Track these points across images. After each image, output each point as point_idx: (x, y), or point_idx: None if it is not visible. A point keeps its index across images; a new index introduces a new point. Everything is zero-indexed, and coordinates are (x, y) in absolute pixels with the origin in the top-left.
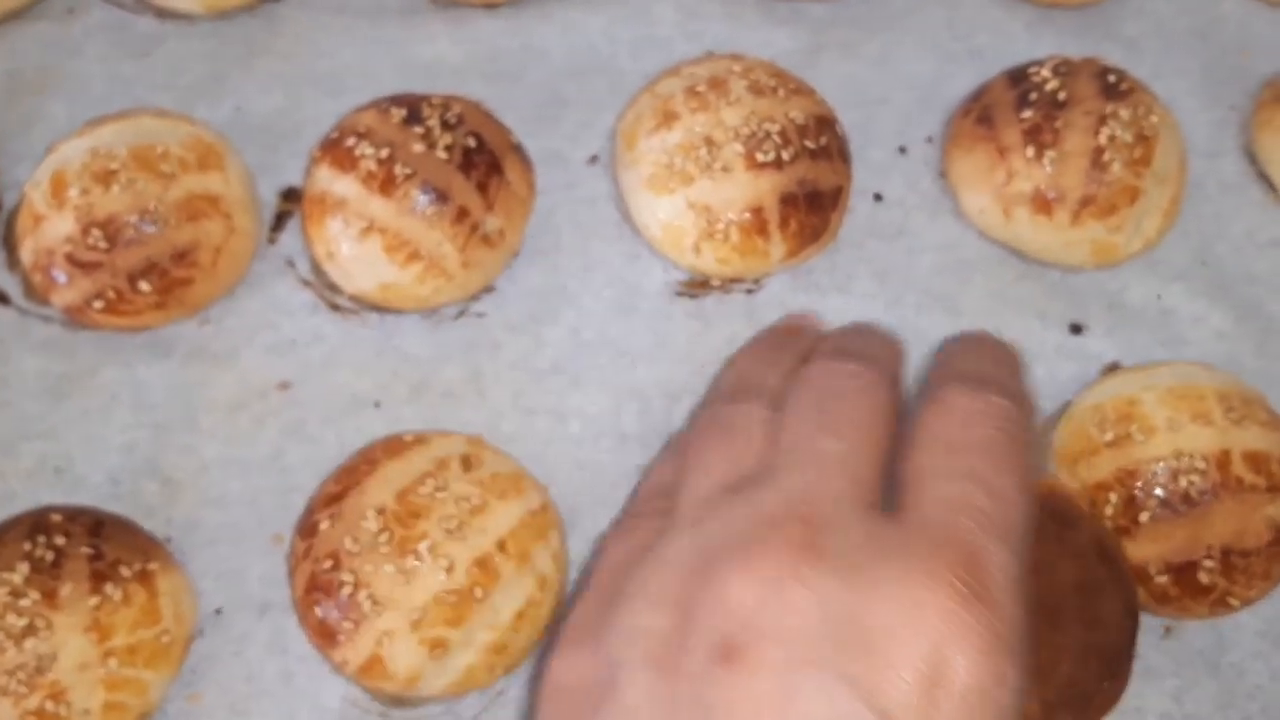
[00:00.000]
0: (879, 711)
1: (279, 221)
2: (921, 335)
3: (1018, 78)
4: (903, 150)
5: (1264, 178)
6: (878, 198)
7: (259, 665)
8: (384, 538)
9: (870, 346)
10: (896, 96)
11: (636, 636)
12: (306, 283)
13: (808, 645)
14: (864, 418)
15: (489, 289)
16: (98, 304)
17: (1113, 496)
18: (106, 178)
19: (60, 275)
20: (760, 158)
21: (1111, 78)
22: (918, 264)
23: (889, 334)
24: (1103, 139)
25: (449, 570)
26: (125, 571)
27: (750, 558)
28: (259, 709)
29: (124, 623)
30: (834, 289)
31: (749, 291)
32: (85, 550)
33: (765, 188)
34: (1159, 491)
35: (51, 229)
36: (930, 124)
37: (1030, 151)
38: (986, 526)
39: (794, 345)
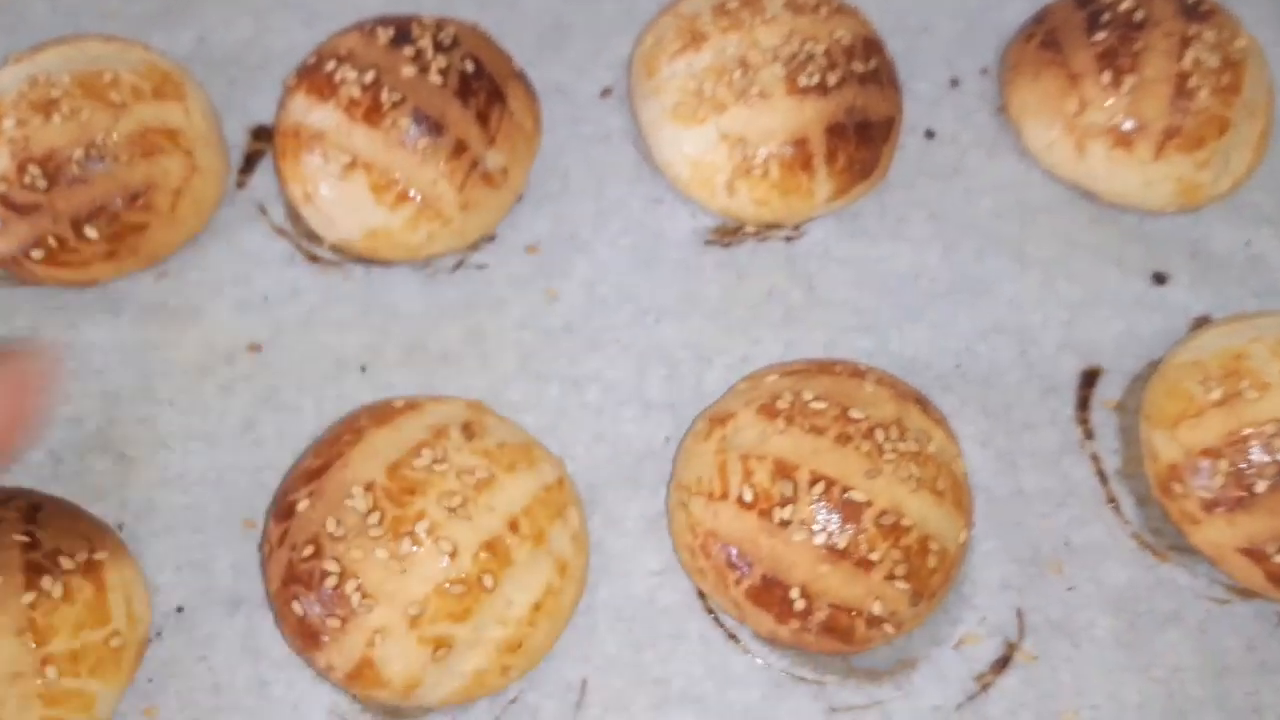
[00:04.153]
0: None
1: (249, 162)
2: (984, 286)
3: None
4: (954, 83)
5: None
6: (929, 134)
7: (229, 672)
8: (374, 518)
9: None
10: (942, 24)
11: None
12: (281, 231)
13: None
14: None
15: (490, 237)
16: (36, 253)
17: (1223, 464)
18: (47, 107)
19: None
20: (804, 81)
21: None
22: (977, 206)
23: None
24: (1187, 63)
25: (452, 555)
26: (67, 563)
27: None
28: None
29: (65, 624)
30: (885, 234)
31: (788, 239)
32: (19, 538)
33: (810, 116)
34: (1276, 455)
35: None
36: (983, 54)
37: (1106, 78)
38: None
39: None
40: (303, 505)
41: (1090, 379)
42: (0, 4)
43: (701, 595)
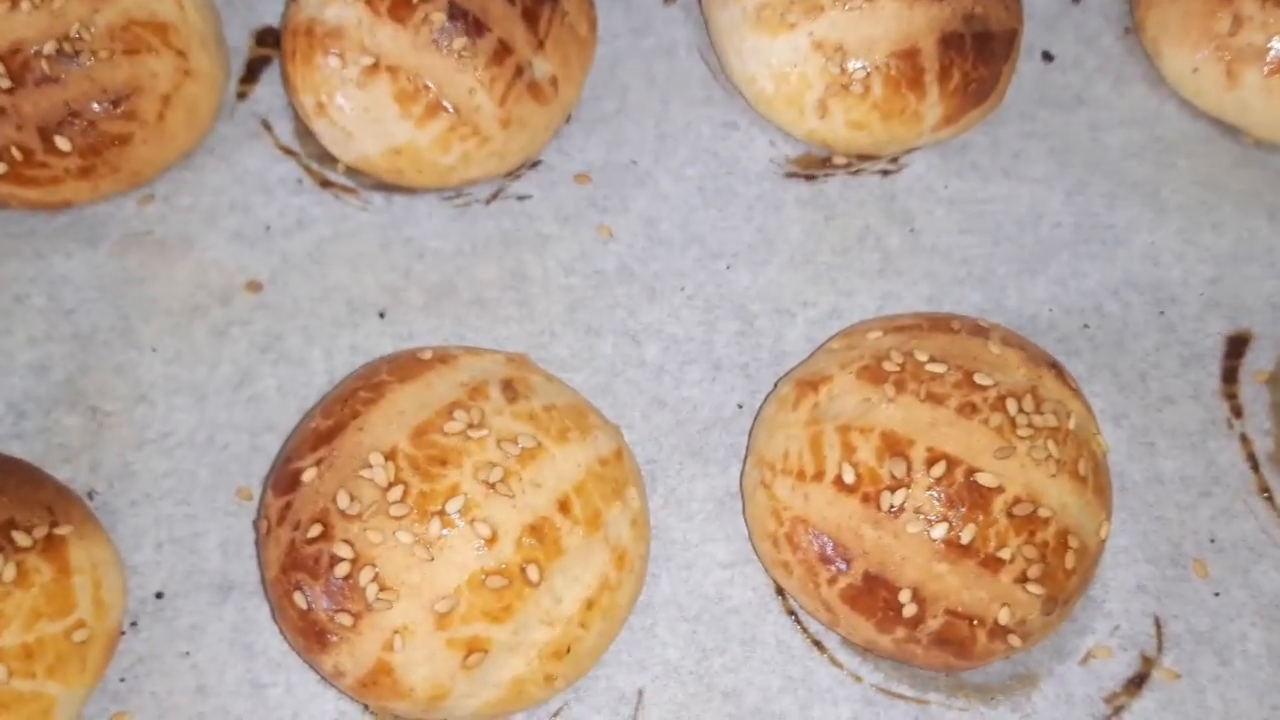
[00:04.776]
0: None
1: (251, 70)
2: (1114, 235)
3: None
4: None
5: None
6: (1047, 56)
7: (216, 671)
8: (396, 493)
9: None
10: None
11: None
12: (287, 150)
13: None
14: None
15: (534, 161)
16: None
17: None
18: None
19: None
20: None
21: None
22: (1104, 143)
23: None
24: None
25: (490, 540)
26: (22, 539)
27: None
28: None
29: (18, 613)
30: (998, 171)
31: (885, 173)
32: None
33: (922, 23)
34: None
35: None
36: None
37: None
38: None
39: None
40: (309, 475)
41: (1238, 346)
42: None
43: (780, 593)
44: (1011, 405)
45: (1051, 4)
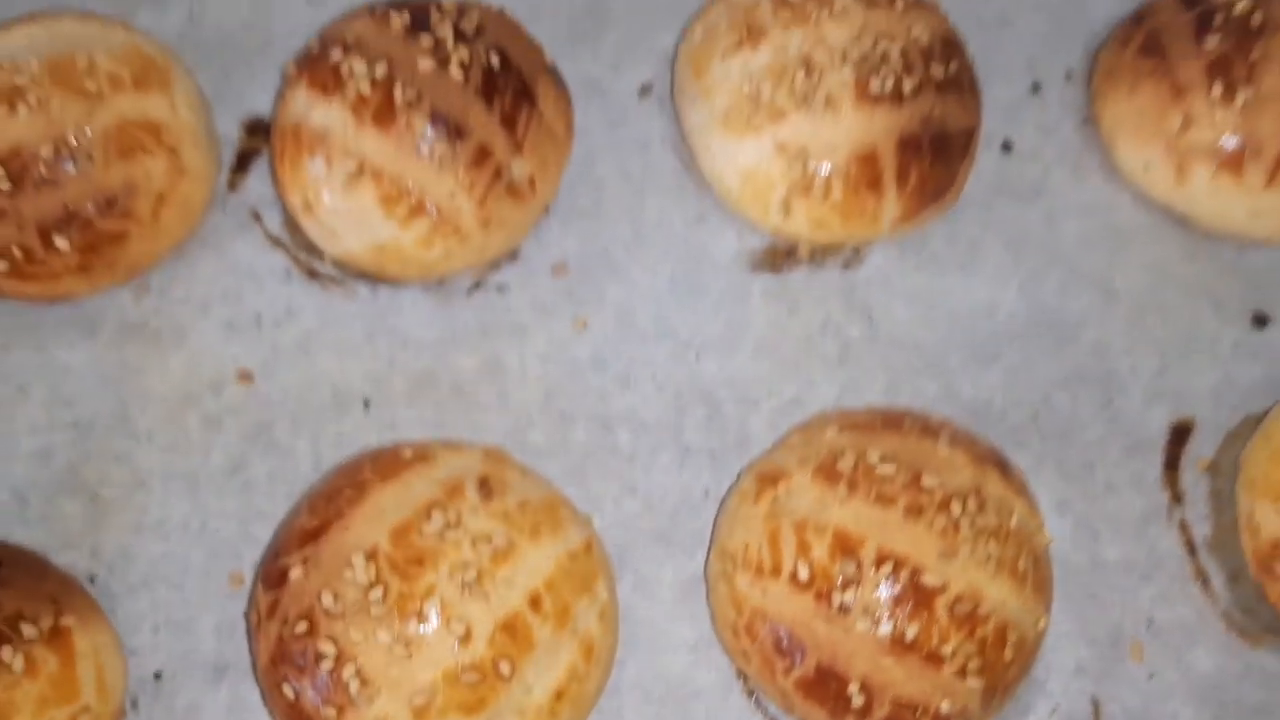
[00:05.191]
0: None
1: (242, 162)
2: (1067, 326)
3: None
4: (1036, 88)
5: None
6: (1006, 147)
7: None
8: (377, 594)
9: None
10: (1024, 18)
11: None
12: (277, 241)
13: None
14: None
15: (513, 255)
16: (0, 265)
17: None
18: (11, 97)
19: None
20: (876, 88)
21: None
22: (1060, 232)
23: None
24: None
25: (465, 638)
26: (29, 631)
27: None
28: None
29: (27, 701)
30: (955, 264)
31: (846, 265)
32: None
33: (881, 127)
34: None
35: None
36: (1069, 55)
37: (1217, 91)
38: None
39: None
40: (296, 573)
41: (1181, 435)
42: None
43: (742, 676)
44: (956, 507)
45: (1013, 93)
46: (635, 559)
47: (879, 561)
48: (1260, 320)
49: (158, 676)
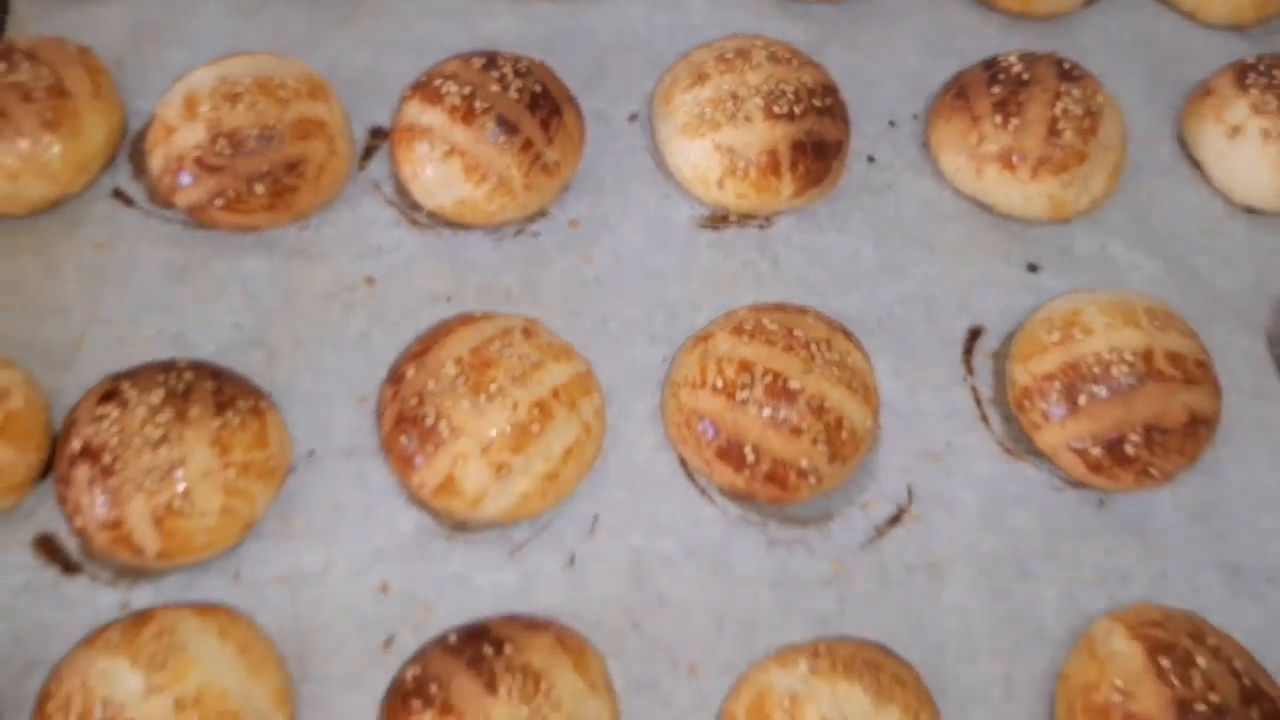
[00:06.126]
0: None
1: (367, 153)
2: (903, 268)
3: (990, 64)
4: (892, 124)
5: (1192, 159)
6: (870, 160)
7: (344, 498)
8: (460, 381)
9: None
10: (888, 82)
11: None
12: (391, 202)
13: None
14: None
15: (543, 213)
16: (219, 202)
17: (1057, 384)
18: (233, 98)
19: (187, 177)
20: (777, 110)
21: (1066, 65)
22: (904, 213)
23: None
24: (1057, 110)
25: (513, 408)
26: (242, 404)
27: None
28: (343, 533)
29: (241, 443)
30: (833, 229)
31: (761, 227)
32: (209, 385)
33: (779, 135)
34: (1095, 378)
35: (182, 138)
36: (916, 104)
37: (998, 119)
38: None
39: None
40: (410, 372)
41: (975, 335)
42: (183, 29)
43: (684, 465)
44: (813, 347)
45: (878, 127)
46: (619, 396)
47: (764, 375)
48: (1033, 268)
49: (311, 454)
